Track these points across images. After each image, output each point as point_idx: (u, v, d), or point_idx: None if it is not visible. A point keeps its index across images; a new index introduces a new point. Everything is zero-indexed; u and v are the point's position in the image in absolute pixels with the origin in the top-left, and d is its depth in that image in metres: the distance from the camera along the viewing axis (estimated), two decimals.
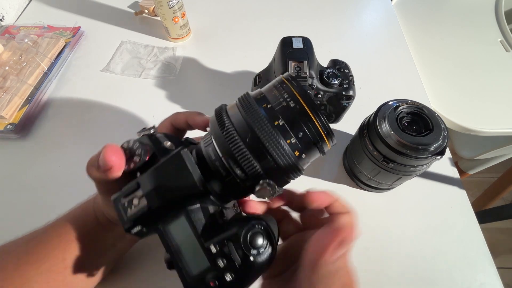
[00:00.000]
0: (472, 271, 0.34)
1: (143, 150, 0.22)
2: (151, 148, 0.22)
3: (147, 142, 0.23)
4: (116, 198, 0.21)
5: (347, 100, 0.38)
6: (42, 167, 0.42)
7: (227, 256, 0.19)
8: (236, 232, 0.19)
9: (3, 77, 0.46)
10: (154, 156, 0.22)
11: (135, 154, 0.22)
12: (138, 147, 0.22)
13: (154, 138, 0.23)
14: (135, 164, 0.22)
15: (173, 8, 0.50)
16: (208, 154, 0.21)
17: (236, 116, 0.20)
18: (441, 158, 0.29)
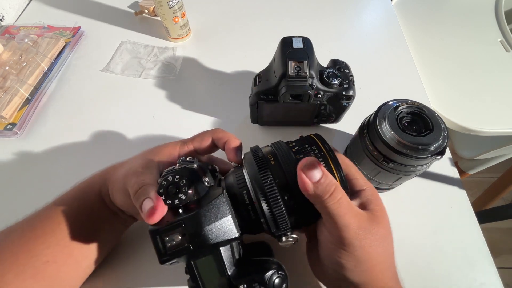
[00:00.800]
0: (472, 271, 0.34)
1: (188, 189, 0.23)
2: (195, 188, 0.23)
3: (188, 175, 0.23)
4: (155, 231, 0.22)
5: (347, 100, 0.38)
6: (42, 167, 0.42)
7: None
8: (263, 275, 0.22)
9: (3, 77, 0.46)
10: (195, 193, 0.23)
11: (181, 192, 0.23)
12: (185, 184, 0.23)
13: (196, 174, 0.24)
14: (180, 201, 0.23)
15: (173, 8, 0.50)
16: (241, 196, 0.23)
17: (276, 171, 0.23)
18: (441, 158, 0.29)
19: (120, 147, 0.43)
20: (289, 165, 0.23)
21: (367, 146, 0.32)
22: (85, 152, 0.43)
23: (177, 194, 0.22)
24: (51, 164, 0.42)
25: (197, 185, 0.23)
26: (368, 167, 0.34)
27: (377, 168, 0.33)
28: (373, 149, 0.32)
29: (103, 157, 0.42)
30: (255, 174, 0.23)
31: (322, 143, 0.25)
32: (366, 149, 0.33)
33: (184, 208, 0.23)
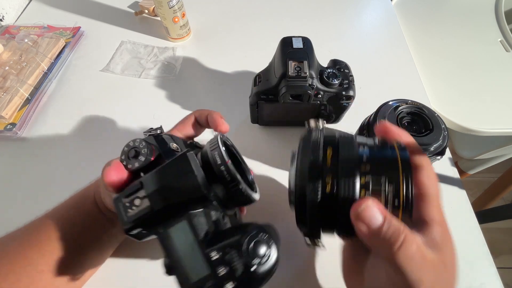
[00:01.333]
0: (472, 271, 0.34)
1: (149, 150, 0.22)
2: (156, 149, 0.22)
3: (153, 142, 0.23)
4: (117, 197, 0.21)
5: (347, 100, 0.38)
6: (42, 167, 0.42)
7: (228, 264, 0.18)
8: (238, 239, 0.18)
9: (3, 77, 0.46)
10: (160, 156, 0.22)
11: (140, 154, 0.22)
12: (144, 146, 0.22)
13: (161, 138, 0.23)
14: (139, 163, 0.22)
15: (173, 8, 0.50)
16: (213, 158, 0.21)
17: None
18: (441, 158, 0.29)
19: (120, 147, 0.43)
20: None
21: None
22: (85, 152, 0.43)
23: (136, 157, 0.22)
24: (51, 164, 0.42)
25: (161, 148, 0.22)
26: None
27: None
28: None
29: (103, 157, 0.42)
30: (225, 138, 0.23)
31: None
32: None
33: (145, 171, 0.21)
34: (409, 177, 0.19)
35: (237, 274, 0.18)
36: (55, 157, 0.42)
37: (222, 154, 0.21)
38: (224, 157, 0.21)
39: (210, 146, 0.22)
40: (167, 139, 0.24)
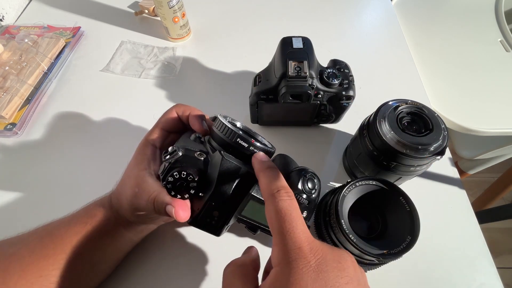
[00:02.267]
0: (472, 271, 0.34)
1: (193, 177, 0.24)
2: (193, 170, 0.24)
3: (183, 165, 0.24)
4: (193, 222, 0.26)
5: (347, 100, 0.38)
6: (42, 167, 0.42)
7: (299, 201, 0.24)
8: (297, 183, 0.25)
9: (3, 77, 0.46)
10: (201, 171, 0.25)
11: (189, 182, 0.24)
12: (186, 175, 0.24)
13: (185, 158, 0.25)
14: (194, 190, 0.25)
15: (173, 8, 0.50)
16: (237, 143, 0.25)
17: None
18: (441, 158, 0.29)
19: (120, 147, 0.43)
20: None
21: (367, 146, 0.32)
22: (85, 152, 0.43)
23: (188, 186, 0.24)
24: (51, 164, 0.42)
25: (196, 166, 0.24)
26: (368, 167, 0.34)
27: (377, 168, 0.33)
28: (373, 149, 0.32)
29: (103, 157, 0.43)
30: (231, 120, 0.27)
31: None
32: (366, 149, 0.33)
33: (199, 189, 0.25)
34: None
35: (304, 206, 0.25)
36: (55, 157, 0.42)
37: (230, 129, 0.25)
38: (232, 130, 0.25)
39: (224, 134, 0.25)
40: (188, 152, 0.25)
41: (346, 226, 0.26)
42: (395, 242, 0.26)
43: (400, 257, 0.26)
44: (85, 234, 0.27)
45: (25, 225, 0.28)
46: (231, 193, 0.24)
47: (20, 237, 0.28)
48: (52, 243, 0.26)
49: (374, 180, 0.29)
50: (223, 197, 0.24)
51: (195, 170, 0.24)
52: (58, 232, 0.27)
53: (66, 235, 0.27)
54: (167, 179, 0.24)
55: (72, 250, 0.26)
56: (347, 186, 0.29)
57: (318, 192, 0.27)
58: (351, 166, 0.39)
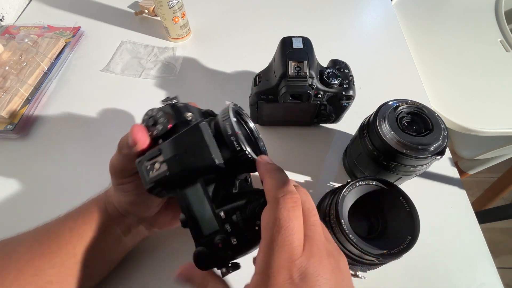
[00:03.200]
0: (472, 271, 0.34)
1: (166, 119, 0.23)
2: (173, 118, 0.24)
3: (170, 111, 0.24)
4: (139, 161, 0.23)
5: (347, 100, 0.38)
6: (42, 167, 0.42)
7: (234, 223, 0.21)
8: (245, 204, 0.21)
9: (3, 77, 0.46)
10: (176, 125, 0.24)
11: (158, 123, 0.23)
12: (161, 115, 0.23)
13: (176, 108, 0.25)
14: (157, 131, 0.23)
15: (173, 8, 0.50)
16: (224, 129, 0.22)
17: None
18: (441, 158, 0.29)
19: None
20: None
21: (367, 146, 0.32)
22: (84, 152, 0.43)
23: (154, 125, 0.24)
24: (51, 164, 0.42)
25: (177, 117, 0.24)
26: (368, 167, 0.34)
27: (377, 168, 0.33)
28: (373, 149, 0.32)
29: (102, 157, 0.42)
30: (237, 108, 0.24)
31: None
32: (366, 149, 0.33)
33: (163, 138, 0.23)
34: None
35: (241, 232, 0.20)
36: (55, 157, 0.42)
37: (232, 125, 0.22)
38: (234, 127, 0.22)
39: (222, 116, 0.23)
40: (182, 108, 0.25)
41: (346, 226, 0.26)
42: (395, 242, 0.26)
43: (400, 257, 0.26)
44: (80, 232, 0.27)
45: (25, 225, 0.28)
46: (180, 154, 0.22)
47: (18, 236, 0.28)
48: (48, 241, 0.26)
49: (374, 180, 0.29)
50: (172, 152, 0.22)
51: (171, 120, 0.23)
52: (54, 230, 0.27)
53: (62, 233, 0.27)
54: (147, 112, 0.24)
55: (67, 249, 0.26)
56: (347, 186, 0.29)
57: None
58: (351, 166, 0.39)
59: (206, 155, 0.21)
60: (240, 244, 0.20)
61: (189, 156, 0.22)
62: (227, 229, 0.21)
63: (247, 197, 0.21)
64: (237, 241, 0.20)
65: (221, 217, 0.21)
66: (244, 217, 0.21)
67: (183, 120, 0.24)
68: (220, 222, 0.21)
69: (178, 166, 0.22)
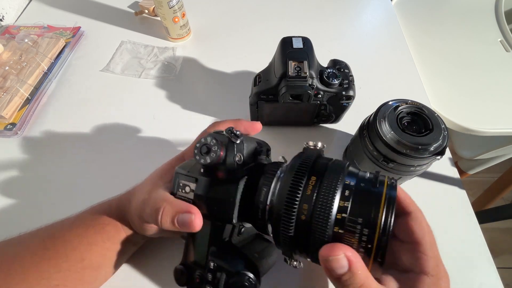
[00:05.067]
0: (472, 271, 0.34)
1: (219, 148, 0.23)
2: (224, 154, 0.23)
3: (221, 140, 0.23)
4: (178, 172, 0.25)
5: (347, 100, 0.38)
6: (42, 167, 0.42)
7: (215, 277, 0.22)
8: (233, 271, 0.22)
9: (3, 77, 0.46)
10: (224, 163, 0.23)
11: (211, 151, 0.23)
12: (215, 144, 0.23)
13: (231, 142, 0.24)
14: (211, 158, 0.23)
15: (173, 8, 0.50)
16: (260, 191, 0.22)
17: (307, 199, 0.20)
18: (441, 158, 0.29)
19: (120, 147, 0.43)
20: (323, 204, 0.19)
21: (367, 146, 0.32)
22: (84, 152, 0.43)
23: (208, 153, 0.23)
24: (51, 164, 0.42)
25: (227, 154, 0.23)
26: (368, 167, 0.34)
27: (377, 168, 0.33)
28: (373, 149, 0.32)
29: (102, 157, 0.43)
30: (285, 185, 0.21)
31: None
32: (366, 149, 0.33)
33: (207, 169, 0.24)
34: (388, 220, 0.18)
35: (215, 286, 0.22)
36: (55, 157, 0.42)
37: (267, 196, 0.22)
38: (268, 200, 0.22)
39: (265, 179, 0.23)
40: (239, 146, 0.24)
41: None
42: None
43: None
44: (87, 238, 0.27)
45: (24, 225, 0.28)
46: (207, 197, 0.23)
47: (21, 237, 0.27)
48: (54, 245, 0.26)
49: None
50: (202, 192, 0.23)
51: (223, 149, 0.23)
52: (61, 234, 0.27)
53: (69, 237, 0.27)
54: (204, 137, 0.23)
55: (74, 254, 0.26)
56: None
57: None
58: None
59: (227, 212, 0.22)
60: None
61: (214, 203, 0.23)
62: (207, 277, 0.23)
63: (238, 266, 0.23)
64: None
65: (209, 261, 0.23)
66: (227, 281, 0.22)
67: (229, 159, 0.23)
68: (206, 265, 0.23)
69: (201, 205, 0.23)
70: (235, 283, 0.22)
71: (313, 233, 0.19)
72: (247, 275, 0.22)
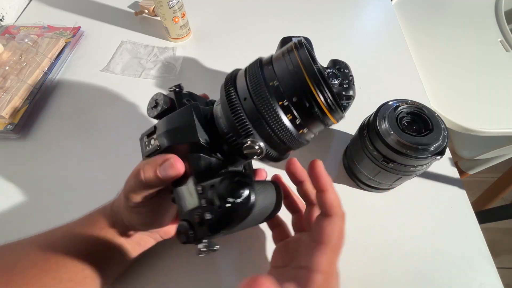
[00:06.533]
0: (472, 271, 0.34)
1: (165, 101, 0.26)
2: (172, 101, 0.26)
3: (172, 96, 0.27)
4: (141, 137, 0.26)
5: (347, 100, 0.38)
6: (42, 167, 0.42)
7: (209, 199, 0.21)
8: (219, 180, 0.20)
9: (3, 77, 0.46)
10: (174, 107, 0.25)
11: (159, 104, 0.26)
12: (162, 98, 0.26)
13: (179, 94, 0.27)
14: (157, 111, 0.25)
15: (173, 8, 0.50)
16: (216, 113, 0.23)
17: (241, 82, 0.21)
18: (441, 158, 0.29)
19: (120, 148, 0.43)
20: (253, 79, 0.21)
21: (367, 146, 0.32)
22: (85, 152, 0.43)
23: (156, 106, 0.26)
24: (51, 164, 0.42)
25: (177, 100, 0.26)
26: (368, 167, 0.34)
27: (377, 168, 0.33)
28: (373, 149, 0.32)
29: (102, 157, 0.43)
30: (222, 93, 0.22)
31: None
32: (366, 149, 0.33)
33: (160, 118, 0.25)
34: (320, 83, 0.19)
35: (214, 208, 0.20)
36: (55, 157, 0.42)
37: (221, 110, 0.22)
38: (222, 113, 0.22)
39: (217, 102, 0.24)
40: (184, 95, 0.27)
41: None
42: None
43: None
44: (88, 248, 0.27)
45: (25, 225, 0.28)
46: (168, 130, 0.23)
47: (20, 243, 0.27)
48: (54, 257, 0.26)
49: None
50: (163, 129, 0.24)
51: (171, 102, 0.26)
52: (60, 244, 0.27)
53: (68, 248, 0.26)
54: (152, 96, 0.26)
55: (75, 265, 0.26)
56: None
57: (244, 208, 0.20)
58: (351, 166, 0.39)
59: (192, 133, 0.22)
60: (214, 221, 0.20)
61: (177, 132, 0.23)
62: (203, 204, 0.21)
63: (224, 176, 0.21)
64: (211, 217, 0.20)
65: (198, 191, 0.21)
66: (218, 193, 0.20)
67: (181, 104, 0.26)
68: (198, 197, 0.22)
69: (167, 141, 0.23)
70: (225, 187, 0.20)
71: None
72: (239, 178, 0.20)
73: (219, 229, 0.20)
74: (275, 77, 0.20)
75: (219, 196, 0.20)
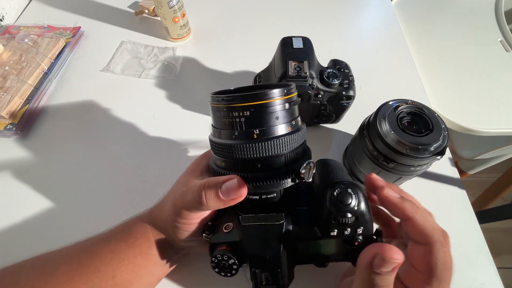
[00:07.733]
0: (472, 271, 0.34)
1: (227, 254, 0.23)
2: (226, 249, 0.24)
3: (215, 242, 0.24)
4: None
5: (347, 100, 0.38)
6: (42, 167, 0.42)
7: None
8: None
9: (3, 77, 0.46)
10: (233, 244, 0.24)
11: (230, 264, 0.24)
12: (223, 254, 0.23)
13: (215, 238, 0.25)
14: (235, 266, 0.24)
15: (173, 8, 0.50)
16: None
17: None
18: (441, 158, 0.29)
19: (120, 148, 0.43)
20: None
21: (367, 146, 0.32)
22: (85, 152, 0.43)
23: (230, 266, 0.24)
24: (51, 165, 0.42)
25: (226, 240, 0.24)
26: (368, 167, 0.34)
27: (377, 168, 0.33)
28: (373, 149, 0.32)
29: (103, 157, 0.43)
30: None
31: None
32: (366, 149, 0.33)
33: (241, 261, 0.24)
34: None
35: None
36: (55, 157, 0.42)
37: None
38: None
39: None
40: (215, 238, 0.25)
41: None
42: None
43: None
44: (122, 256, 0.26)
45: (25, 225, 0.28)
46: (266, 250, 0.22)
47: (59, 252, 0.27)
48: (88, 260, 0.26)
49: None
50: (262, 259, 0.22)
51: (227, 248, 0.23)
52: (95, 249, 0.27)
53: (102, 254, 0.26)
54: (211, 260, 0.24)
55: (106, 270, 0.26)
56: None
57: (364, 202, 0.23)
58: (351, 166, 0.39)
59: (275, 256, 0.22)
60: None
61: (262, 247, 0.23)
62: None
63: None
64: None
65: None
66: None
67: (227, 238, 0.24)
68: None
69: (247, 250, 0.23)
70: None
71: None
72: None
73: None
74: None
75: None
